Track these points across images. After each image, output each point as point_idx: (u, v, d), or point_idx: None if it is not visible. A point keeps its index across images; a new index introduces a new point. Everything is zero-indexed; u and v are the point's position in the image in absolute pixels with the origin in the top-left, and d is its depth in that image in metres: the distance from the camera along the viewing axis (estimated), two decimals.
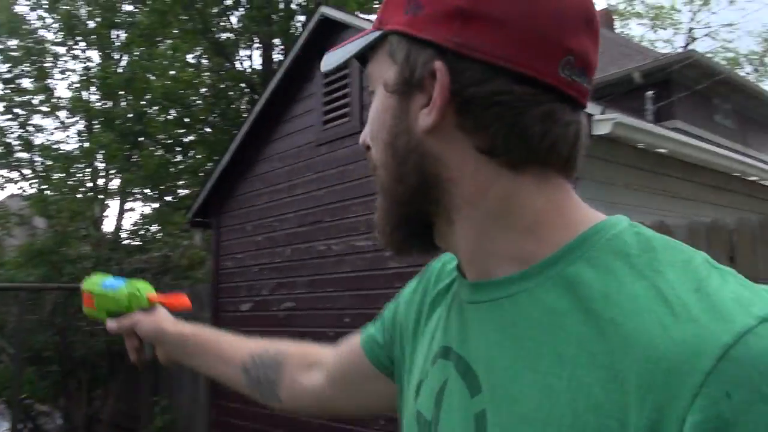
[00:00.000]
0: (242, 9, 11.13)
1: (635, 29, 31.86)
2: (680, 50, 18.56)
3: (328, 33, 5.51)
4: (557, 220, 0.57)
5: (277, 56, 11.23)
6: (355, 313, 4.78)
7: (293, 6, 10.96)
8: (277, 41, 11.18)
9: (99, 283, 1.06)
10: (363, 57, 0.69)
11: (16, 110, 15.11)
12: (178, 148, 11.61)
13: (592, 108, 3.93)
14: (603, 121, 3.97)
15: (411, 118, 0.61)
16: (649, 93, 8.53)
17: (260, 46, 11.37)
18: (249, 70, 11.55)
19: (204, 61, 12.62)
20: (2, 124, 15.05)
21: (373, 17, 9.90)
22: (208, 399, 6.31)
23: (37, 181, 14.18)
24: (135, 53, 12.33)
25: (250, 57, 11.94)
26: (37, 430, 6.96)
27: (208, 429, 6.22)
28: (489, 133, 0.57)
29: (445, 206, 0.60)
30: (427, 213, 0.62)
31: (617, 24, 20.55)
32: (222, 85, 11.44)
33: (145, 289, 1.04)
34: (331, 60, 0.72)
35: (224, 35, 11.44)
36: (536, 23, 0.57)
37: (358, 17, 5.93)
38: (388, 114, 0.63)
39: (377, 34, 0.65)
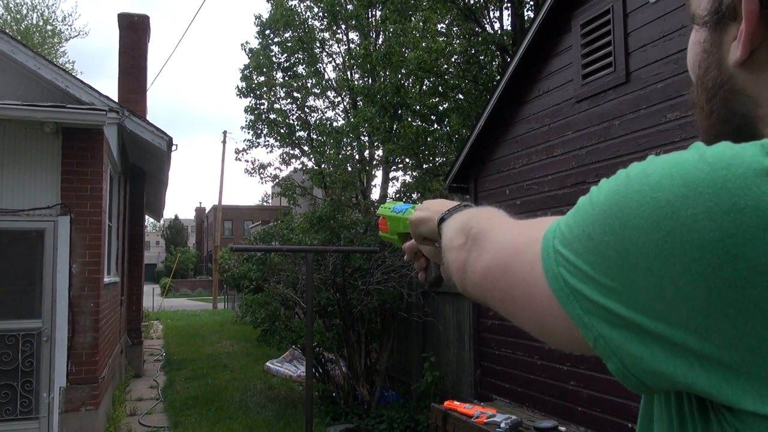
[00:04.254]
0: None
1: None
2: None
3: None
4: None
5: (528, 14, 10.89)
6: None
7: None
8: None
9: (391, 208, 1.18)
10: None
11: (294, 94, 17.16)
12: (433, 117, 12.02)
13: None
14: None
15: (723, 52, 0.57)
16: None
17: (509, 5, 11.13)
18: (499, 32, 11.40)
19: (454, 29, 12.81)
20: (284, 108, 17.24)
21: None
22: (472, 359, 6.53)
23: (314, 156, 15.97)
24: (390, 29, 13.01)
25: (500, 18, 11.75)
26: (326, 374, 7.93)
27: (473, 388, 6.44)
28: None
29: None
30: None
31: None
32: (472, 51, 11.49)
33: None
34: None
35: None
36: None
37: None
38: (700, 47, 0.60)
39: None
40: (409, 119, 12.10)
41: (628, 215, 0.47)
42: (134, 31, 11.90)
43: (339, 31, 16.52)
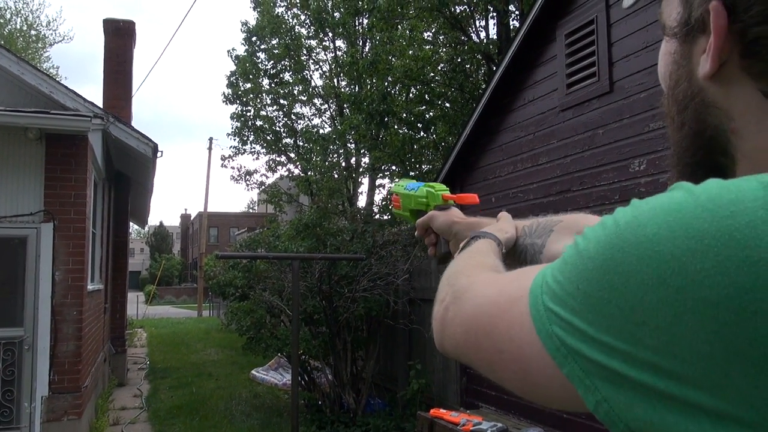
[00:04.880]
0: None
1: None
2: None
3: None
4: None
5: (513, 23, 11.00)
6: None
7: None
8: (512, 7, 10.94)
9: (403, 186, 1.24)
10: None
11: (281, 101, 17.14)
12: (420, 125, 12.07)
13: None
14: None
15: (693, 64, 0.56)
16: None
17: (495, 14, 11.23)
18: (485, 40, 11.49)
19: (440, 38, 12.89)
20: (271, 115, 17.21)
21: None
22: (458, 367, 6.53)
23: (300, 163, 15.95)
24: (376, 37, 13.05)
25: (485, 27, 11.85)
26: (312, 382, 7.90)
27: (459, 396, 6.45)
28: None
29: (733, 160, 0.55)
30: (723, 166, 0.56)
31: None
32: (458, 59, 11.57)
33: (440, 188, 1.16)
34: None
35: (459, 8, 11.52)
36: None
37: None
38: (671, 58, 0.60)
39: None
40: (396, 127, 12.13)
41: (629, 271, 0.44)
42: (120, 37, 11.84)
43: (326, 38, 16.54)
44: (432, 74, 11.78)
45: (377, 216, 13.42)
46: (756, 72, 0.52)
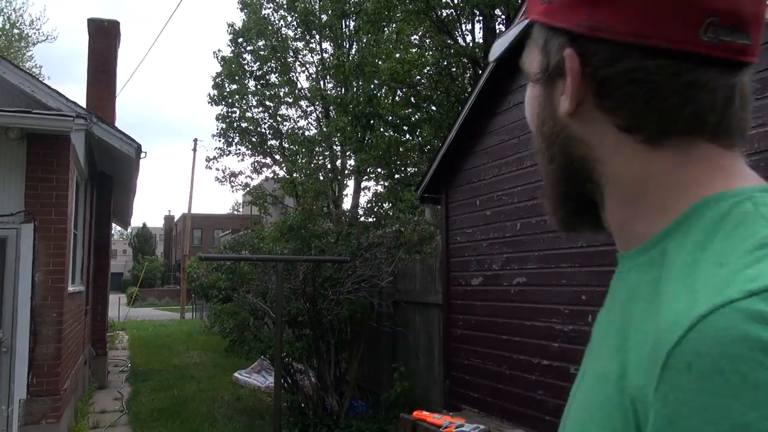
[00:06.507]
0: None
1: None
2: None
3: None
4: (685, 196, 0.55)
5: (499, 27, 11.05)
6: (592, 290, 4.54)
7: None
8: (498, 12, 10.99)
9: None
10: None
11: (267, 103, 17.08)
12: (405, 128, 12.08)
13: None
14: None
15: (555, 104, 0.63)
16: None
17: (481, 18, 11.28)
18: (471, 44, 11.54)
19: (427, 41, 12.92)
20: (257, 116, 17.14)
21: None
22: (442, 369, 6.54)
23: (285, 165, 15.90)
24: (363, 40, 13.06)
25: (471, 31, 11.93)
26: (295, 385, 7.87)
27: (443, 398, 6.45)
28: (626, 110, 0.57)
29: (598, 185, 0.62)
30: (589, 192, 0.64)
31: None
32: (445, 63, 11.61)
33: None
34: (495, 50, 0.73)
35: (446, 12, 11.56)
36: None
37: None
38: (536, 101, 0.67)
39: (524, 23, 0.68)
40: (381, 129, 12.14)
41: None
42: (104, 37, 11.73)
43: (312, 40, 16.52)
44: (418, 77, 11.80)
45: (362, 218, 13.42)
46: (607, 108, 0.58)
